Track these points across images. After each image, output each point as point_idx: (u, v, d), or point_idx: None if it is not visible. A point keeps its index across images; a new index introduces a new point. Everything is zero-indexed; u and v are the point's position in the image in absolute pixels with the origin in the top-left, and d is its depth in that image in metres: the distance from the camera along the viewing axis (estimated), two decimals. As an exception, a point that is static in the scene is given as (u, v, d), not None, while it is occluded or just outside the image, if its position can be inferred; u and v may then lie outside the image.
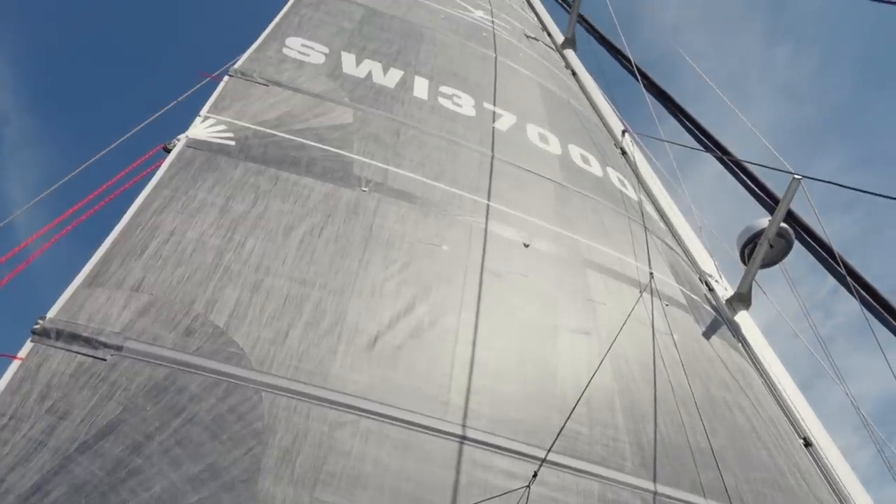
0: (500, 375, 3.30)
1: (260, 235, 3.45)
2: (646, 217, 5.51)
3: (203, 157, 3.84)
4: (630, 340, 3.88)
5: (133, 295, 2.92)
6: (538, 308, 3.83)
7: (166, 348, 2.75)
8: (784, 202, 5.02)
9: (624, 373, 3.67)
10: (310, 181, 3.95)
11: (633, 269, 4.63)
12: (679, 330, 4.29)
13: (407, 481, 2.67)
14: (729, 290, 5.29)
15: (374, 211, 3.92)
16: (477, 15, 8.23)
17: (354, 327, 3.17)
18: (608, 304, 4.12)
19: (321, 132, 4.46)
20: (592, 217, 5.01)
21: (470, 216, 4.26)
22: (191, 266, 3.14)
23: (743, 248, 5.22)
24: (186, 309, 2.94)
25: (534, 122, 5.96)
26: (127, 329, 2.77)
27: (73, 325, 2.70)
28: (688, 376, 3.88)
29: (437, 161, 4.68)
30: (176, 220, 3.37)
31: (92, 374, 2.57)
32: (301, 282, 3.28)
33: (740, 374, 4.37)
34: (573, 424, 3.19)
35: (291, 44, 5.50)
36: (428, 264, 3.72)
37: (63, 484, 2.24)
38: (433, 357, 3.22)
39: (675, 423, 3.56)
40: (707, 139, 6.68)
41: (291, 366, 2.88)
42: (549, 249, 4.35)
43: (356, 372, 2.98)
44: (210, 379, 2.70)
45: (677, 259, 5.40)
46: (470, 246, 4.00)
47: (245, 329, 2.95)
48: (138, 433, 2.44)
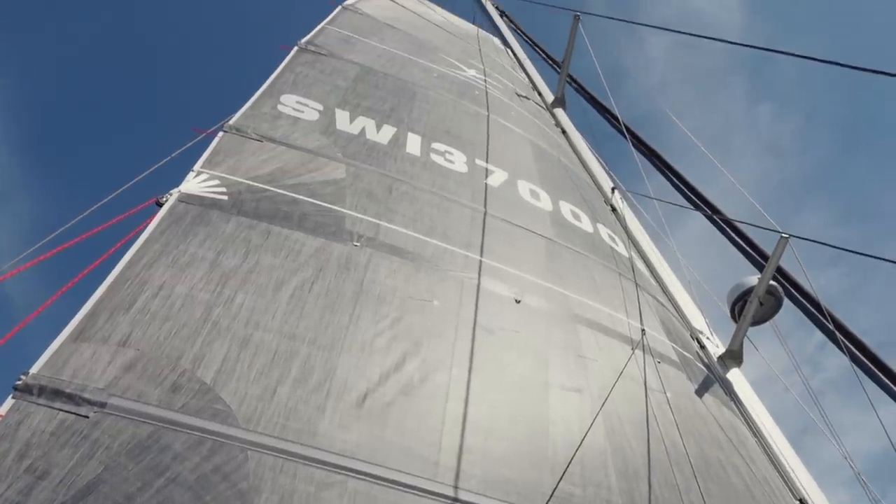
0: (492, 434, 3.25)
1: (250, 290, 3.43)
2: (636, 273, 5.53)
3: (195, 212, 3.85)
4: (622, 398, 3.84)
5: (119, 350, 2.88)
6: (530, 365, 3.80)
7: (151, 405, 2.70)
8: (773, 261, 5.06)
9: (617, 431, 3.62)
10: (301, 235, 3.95)
11: (624, 326, 4.62)
12: (672, 387, 4.26)
13: (395, 545, 2.59)
14: (720, 347, 5.28)
15: (366, 266, 3.91)
16: (469, 74, 8.41)
17: (344, 384, 3.12)
18: (600, 361, 4.10)
19: (314, 187, 4.49)
20: (583, 273, 5.02)
21: (461, 271, 4.26)
22: (179, 321, 3.11)
23: (733, 305, 5.24)
24: (173, 364, 2.90)
25: (525, 178, 6.03)
26: (111, 385, 2.72)
27: (57, 381, 2.65)
28: (681, 435, 3.83)
29: (429, 216, 4.70)
30: (165, 274, 3.35)
31: (73, 432, 2.51)
32: (290, 337, 3.25)
33: (733, 433, 4.32)
34: (566, 485, 3.12)
35: (286, 101, 5.58)
36: (419, 320, 3.70)
37: (38, 548, 2.16)
38: (424, 415, 3.17)
39: (669, 484, 3.49)
40: (695, 196, 6.76)
41: (279, 423, 2.83)
42: (541, 305, 4.35)
43: (345, 430, 2.92)
44: (195, 437, 2.64)
45: (668, 315, 5.39)
46: (461, 301, 3.99)
47: (232, 385, 2.90)
48: (119, 494, 2.37)
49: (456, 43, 10.21)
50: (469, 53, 9.73)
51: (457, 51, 9.52)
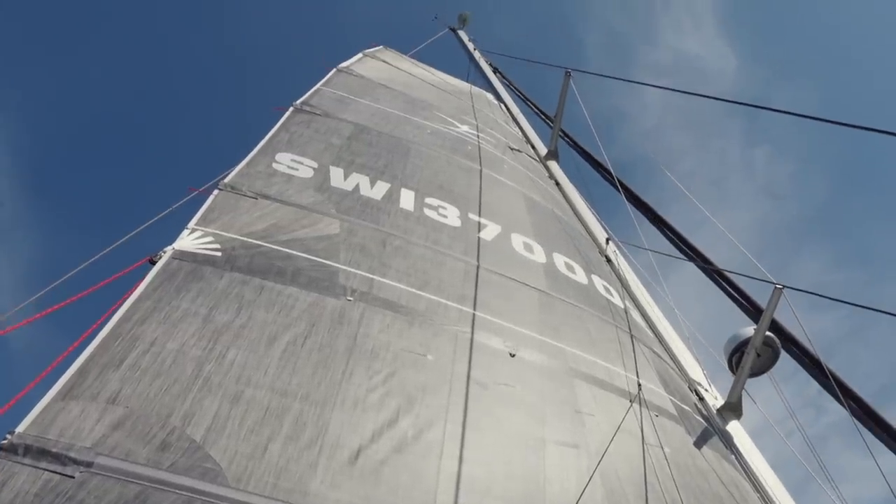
0: (487, 492, 3.18)
1: (242, 345, 3.41)
2: (632, 325, 5.51)
3: (188, 268, 3.85)
4: (620, 454, 3.77)
5: (108, 407, 2.84)
6: (525, 420, 3.75)
7: (139, 464, 2.64)
8: (768, 312, 5.06)
9: (616, 490, 3.54)
10: (295, 290, 3.95)
11: (621, 379, 4.58)
12: (670, 442, 4.19)
13: None
14: (719, 399, 5.23)
15: (359, 320, 3.90)
16: (462, 129, 8.55)
17: (336, 441, 3.07)
18: (597, 416, 4.04)
19: (308, 243, 4.51)
20: (578, 325, 5.00)
21: (455, 325, 4.24)
22: (169, 377, 3.08)
23: (730, 356, 5.20)
24: (163, 422, 2.85)
25: (518, 231, 6.07)
26: (99, 444, 2.67)
27: (43, 440, 2.60)
28: (680, 493, 3.75)
29: (422, 270, 4.71)
30: (157, 330, 3.33)
31: (58, 493, 2.45)
32: (282, 393, 3.21)
33: (734, 488, 4.24)
34: (564, 544, 3.04)
35: (281, 159, 5.65)
36: (412, 375, 3.66)
37: None
38: (417, 473, 3.11)
39: (670, 542, 3.41)
40: (687, 247, 6.80)
41: (269, 483, 2.77)
42: (536, 359, 4.32)
43: (337, 489, 2.86)
44: (183, 497, 2.58)
45: (665, 367, 5.35)
46: (455, 356, 3.96)
47: (223, 443, 2.85)
48: (103, 558, 2.31)
49: (449, 100, 10.40)
50: (462, 109, 9.90)
51: (450, 107, 9.69)
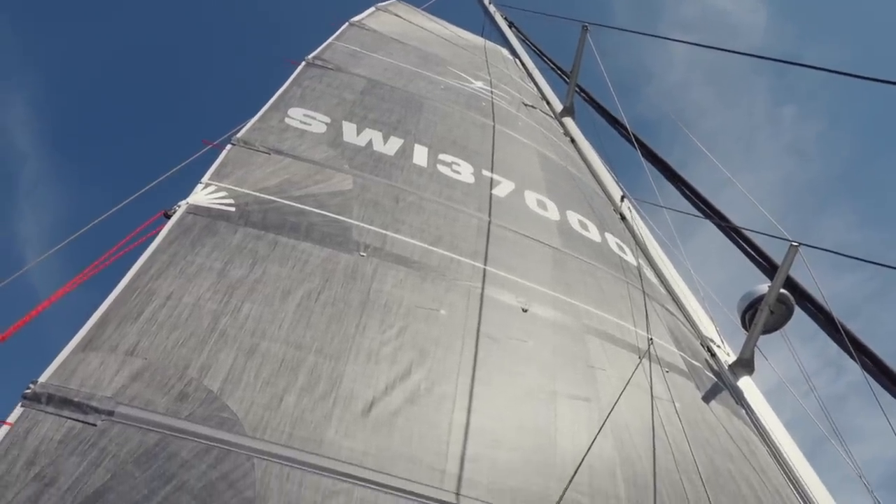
0: (499, 443, 3.23)
1: (257, 300, 3.45)
2: (645, 282, 5.51)
3: (202, 223, 3.87)
4: (631, 408, 3.81)
5: (127, 359, 2.90)
6: (537, 374, 3.79)
7: (158, 413, 2.71)
8: (782, 269, 5.03)
9: (625, 442, 3.59)
10: (308, 246, 3.97)
11: (632, 335, 4.60)
12: (680, 397, 4.23)
13: (401, 554, 2.58)
14: (731, 356, 5.24)
15: (372, 275, 3.92)
16: (476, 86, 8.45)
17: (350, 393, 3.13)
18: (607, 371, 4.08)
19: (321, 198, 4.51)
20: (591, 282, 5.01)
21: (468, 281, 4.26)
22: (186, 330, 3.13)
23: (744, 313, 5.20)
24: (180, 374, 2.91)
25: (532, 188, 6.04)
26: (119, 394, 2.73)
27: (65, 390, 2.67)
28: (690, 445, 3.80)
29: (435, 226, 4.71)
30: (173, 284, 3.37)
31: (81, 440, 2.53)
32: (297, 346, 3.26)
33: (744, 443, 4.28)
34: (574, 494, 3.10)
35: (294, 114, 5.63)
36: (425, 329, 3.70)
37: (45, 555, 2.17)
38: (430, 424, 3.16)
39: (678, 495, 3.46)
40: (705, 206, 6.74)
41: (285, 432, 2.83)
42: (548, 315, 4.34)
43: (351, 439, 2.92)
44: (202, 445, 2.65)
45: (678, 324, 5.37)
46: (468, 311, 3.99)
47: (239, 394, 2.91)
48: (126, 502, 2.38)
49: (463, 55, 10.26)
50: (476, 65, 9.77)
51: (464, 63, 9.57)
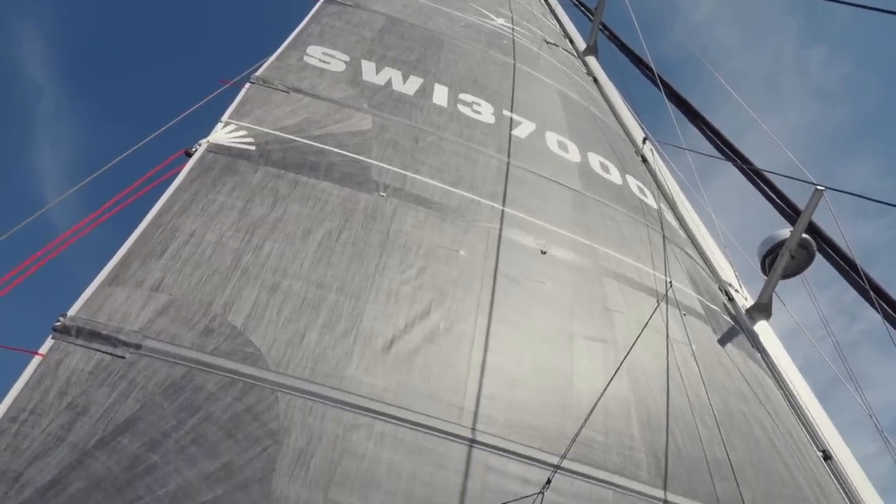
0: (516, 382, 3.29)
1: (278, 238, 3.48)
2: (665, 226, 5.48)
3: (223, 162, 3.88)
4: (647, 350, 3.85)
5: (152, 295, 2.96)
6: (555, 315, 3.82)
7: (184, 347, 2.78)
8: (805, 214, 4.98)
9: (641, 383, 3.64)
10: (328, 185, 3.98)
11: (651, 279, 4.60)
12: (697, 340, 4.25)
13: (420, 484, 2.67)
14: (749, 300, 5.24)
15: (392, 216, 3.93)
16: (498, 23, 8.26)
17: (370, 331, 3.18)
18: (625, 314, 4.10)
19: (340, 138, 4.49)
20: (611, 225, 4.99)
21: (488, 222, 4.26)
22: (209, 267, 3.18)
23: (764, 258, 5.17)
24: (204, 309, 2.97)
25: (553, 129, 5.96)
26: (146, 328, 2.80)
27: (94, 323, 2.74)
28: (706, 387, 3.84)
29: (455, 167, 4.69)
30: (196, 222, 3.41)
31: (110, 372, 2.61)
32: (318, 285, 3.30)
33: (759, 386, 4.32)
34: (588, 432, 3.17)
35: (312, 52, 5.55)
36: (445, 269, 3.72)
37: (81, 479, 2.27)
38: (448, 362, 3.22)
39: (691, 435, 3.52)
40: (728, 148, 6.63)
41: (308, 367, 2.90)
42: (567, 257, 4.34)
43: (371, 375, 2.98)
44: (226, 378, 2.72)
45: (696, 268, 5.36)
46: (487, 252, 4.00)
47: (262, 330, 2.97)
48: (155, 430, 2.47)
49: (484, -9, 9.99)
50: (497, 1, 9.53)
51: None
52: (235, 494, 2.39)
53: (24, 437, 2.32)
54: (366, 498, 2.55)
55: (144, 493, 2.30)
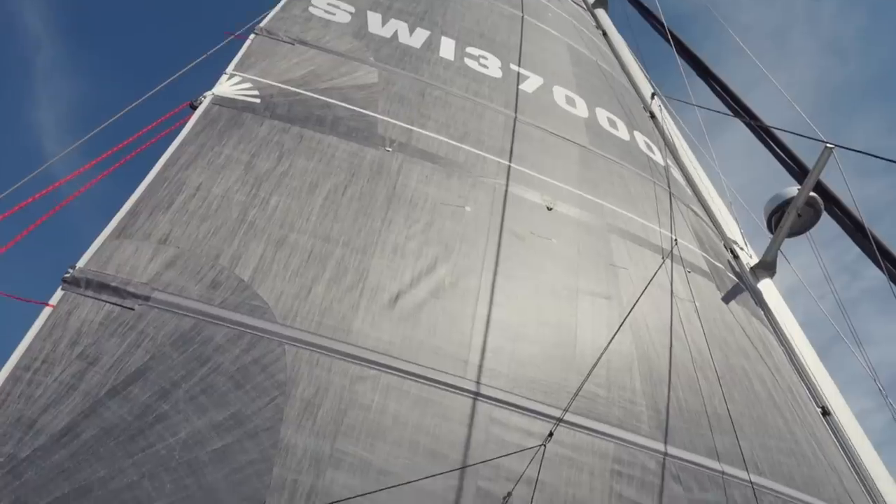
0: (520, 336, 3.32)
1: (284, 192, 3.48)
2: (672, 183, 5.45)
3: (228, 114, 3.86)
4: (651, 306, 3.87)
5: (160, 247, 2.98)
6: (560, 271, 3.83)
7: (192, 300, 2.81)
8: (814, 172, 4.94)
9: (644, 338, 3.68)
10: (334, 140, 3.96)
11: (656, 236, 4.60)
12: (700, 297, 4.28)
13: (425, 435, 2.72)
14: (754, 258, 5.25)
15: (398, 171, 3.92)
16: (506, -26, 8.08)
17: (376, 285, 3.20)
18: (630, 270, 4.11)
19: (346, 91, 4.45)
20: (618, 182, 4.97)
21: (494, 178, 4.25)
22: (216, 221, 3.19)
23: (770, 216, 5.17)
24: (212, 262, 2.99)
25: (561, 84, 5.89)
26: (154, 280, 2.83)
27: (102, 275, 2.77)
28: (708, 344, 3.88)
29: (461, 122, 4.65)
30: (202, 175, 3.41)
31: (120, 323, 2.64)
32: (325, 239, 3.31)
33: (760, 343, 4.36)
34: (591, 386, 3.21)
35: (317, 3, 5.46)
36: (450, 225, 3.73)
37: (93, 426, 2.32)
38: (454, 316, 3.25)
39: (692, 389, 3.57)
40: (737, 105, 6.55)
41: (314, 320, 2.93)
42: (573, 213, 4.34)
43: (377, 329, 3.02)
44: (234, 331, 2.76)
45: (702, 226, 5.35)
46: (493, 208, 4.00)
47: (269, 283, 3.00)
48: (165, 381, 2.52)
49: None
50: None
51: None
52: (244, 443, 2.44)
53: (37, 386, 2.37)
54: (372, 448, 2.61)
55: (156, 441, 2.35)
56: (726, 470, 3.24)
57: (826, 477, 3.66)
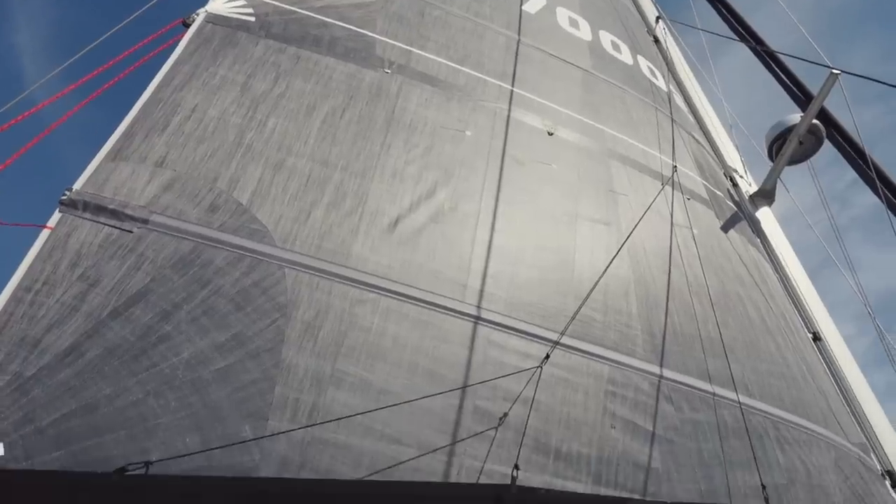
0: (519, 261, 3.34)
1: (281, 115, 3.42)
2: (674, 109, 5.37)
3: (223, 33, 3.75)
4: (649, 232, 3.89)
5: (157, 170, 2.95)
6: (559, 197, 3.82)
7: (191, 223, 2.80)
8: (818, 98, 4.88)
9: (641, 263, 3.70)
10: (332, 61, 3.87)
11: (657, 162, 4.57)
12: (699, 224, 4.28)
13: (424, 357, 2.78)
14: (753, 186, 5.24)
15: (397, 93, 3.85)
16: None
17: (376, 209, 3.19)
18: (629, 196, 4.10)
19: (343, 10, 4.32)
20: (619, 107, 4.90)
21: (494, 102, 4.18)
22: (213, 143, 3.14)
23: (772, 143, 5.12)
24: (210, 186, 2.97)
25: (564, 4, 5.72)
26: (152, 203, 2.81)
27: (99, 198, 2.75)
28: (704, 270, 3.91)
29: (462, 44, 4.54)
30: (197, 96, 3.34)
31: (119, 246, 2.64)
32: (323, 163, 3.28)
33: (756, 269, 4.39)
34: (588, 311, 3.25)
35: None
36: (450, 149, 3.69)
37: (97, 346, 2.36)
38: (453, 241, 3.25)
39: (687, 314, 3.62)
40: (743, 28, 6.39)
41: (314, 244, 2.94)
42: (574, 139, 4.29)
43: (377, 253, 3.03)
44: (234, 254, 2.76)
45: (703, 153, 5.31)
46: (493, 132, 3.95)
47: (268, 207, 2.99)
48: (166, 302, 2.54)
49: None
50: None
51: None
52: (247, 363, 2.49)
53: (39, 306, 2.39)
54: (371, 368, 2.66)
55: (159, 361, 2.39)
56: (717, 391, 3.33)
57: (814, 399, 3.76)
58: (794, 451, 3.40)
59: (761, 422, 3.38)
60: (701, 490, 2.98)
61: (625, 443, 2.93)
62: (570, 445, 2.81)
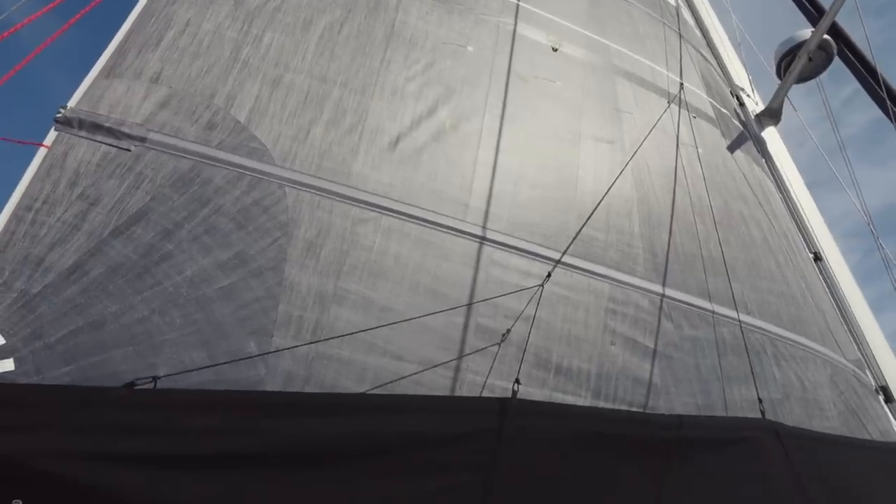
0: (521, 180, 3.31)
1: (277, 29, 3.32)
2: (682, 24, 5.22)
3: (214, -57, 3.60)
4: (654, 151, 3.84)
5: (152, 87, 2.88)
6: (563, 114, 3.75)
7: (189, 141, 2.76)
8: (831, 12, 4.72)
9: (645, 182, 3.67)
10: (328, -28, 3.72)
11: (663, 79, 4.46)
12: (704, 143, 4.23)
13: (426, 275, 2.79)
14: (759, 105, 5.14)
15: (397, 6, 3.73)
16: None
17: (376, 127, 3.14)
18: (634, 114, 4.03)
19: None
20: (626, 21, 4.75)
21: (497, 16, 4.05)
22: (209, 59, 3.06)
23: (780, 60, 5.00)
24: (207, 103, 2.91)
25: (570, -87, 5.46)
26: (149, 121, 2.76)
27: (95, 116, 2.70)
28: (707, 189, 3.88)
29: (463, -46, 4.36)
30: (190, 10, 3.23)
31: (118, 164, 2.61)
32: (322, 79, 3.21)
33: (760, 189, 4.36)
34: (590, 230, 3.25)
35: None
36: (452, 66, 3.60)
37: (100, 265, 2.36)
38: (455, 160, 3.22)
39: (689, 233, 3.62)
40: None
41: (314, 163, 2.90)
42: (579, 55, 4.18)
43: (378, 171, 3.00)
44: (234, 172, 2.74)
45: (710, 70, 5.18)
46: (496, 48, 3.85)
47: (266, 125, 2.93)
48: (167, 221, 2.53)
49: None
50: None
51: None
52: (250, 281, 2.50)
53: (41, 225, 2.38)
54: (374, 287, 2.67)
55: (163, 279, 2.40)
56: (717, 309, 3.36)
57: (812, 317, 3.80)
58: (790, 367, 3.46)
59: (759, 339, 3.43)
60: (698, 404, 3.05)
61: (624, 358, 2.98)
62: (571, 361, 2.86)
